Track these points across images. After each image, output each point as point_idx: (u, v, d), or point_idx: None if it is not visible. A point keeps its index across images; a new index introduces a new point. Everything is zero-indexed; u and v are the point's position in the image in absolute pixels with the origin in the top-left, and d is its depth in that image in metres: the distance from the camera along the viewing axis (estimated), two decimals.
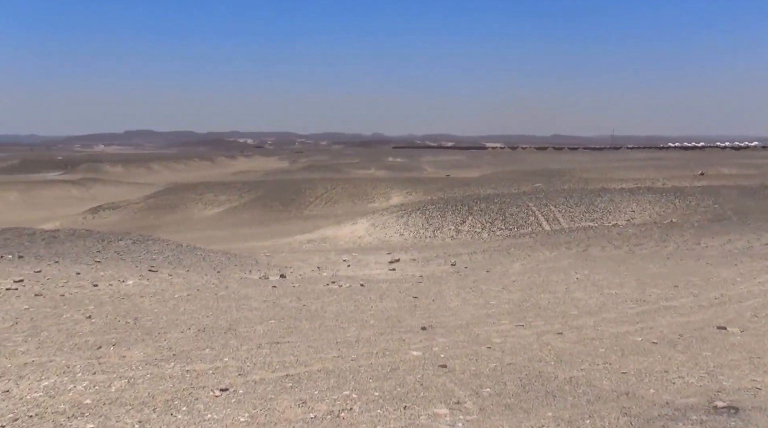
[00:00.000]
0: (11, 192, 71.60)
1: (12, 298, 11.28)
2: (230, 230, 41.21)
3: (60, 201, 70.45)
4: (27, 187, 75.32)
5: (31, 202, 68.93)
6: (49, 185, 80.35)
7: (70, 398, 6.03)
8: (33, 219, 46.93)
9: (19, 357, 7.41)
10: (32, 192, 73.36)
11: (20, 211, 63.62)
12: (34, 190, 74.33)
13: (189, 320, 9.56)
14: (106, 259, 17.41)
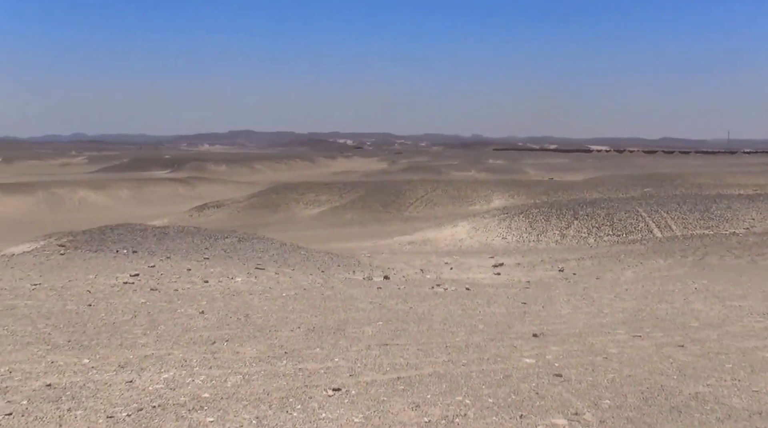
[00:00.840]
0: (123, 189, 76.04)
1: (129, 292, 11.95)
2: (330, 230, 42.03)
3: (168, 198, 74.20)
4: (137, 185, 79.77)
5: (141, 199, 73.01)
6: (157, 183, 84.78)
7: (189, 391, 6.28)
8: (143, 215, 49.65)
9: (140, 349, 7.81)
10: (142, 189, 77.64)
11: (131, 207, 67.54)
12: (144, 188, 78.62)
13: (298, 319, 9.79)
14: (214, 256, 18.13)
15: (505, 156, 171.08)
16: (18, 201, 63.96)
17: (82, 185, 74.44)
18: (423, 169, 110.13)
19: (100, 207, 67.15)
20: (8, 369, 6.77)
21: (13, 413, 5.56)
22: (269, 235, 26.77)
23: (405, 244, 31.10)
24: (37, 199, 65.60)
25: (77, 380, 6.51)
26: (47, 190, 68.60)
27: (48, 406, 5.76)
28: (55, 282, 12.80)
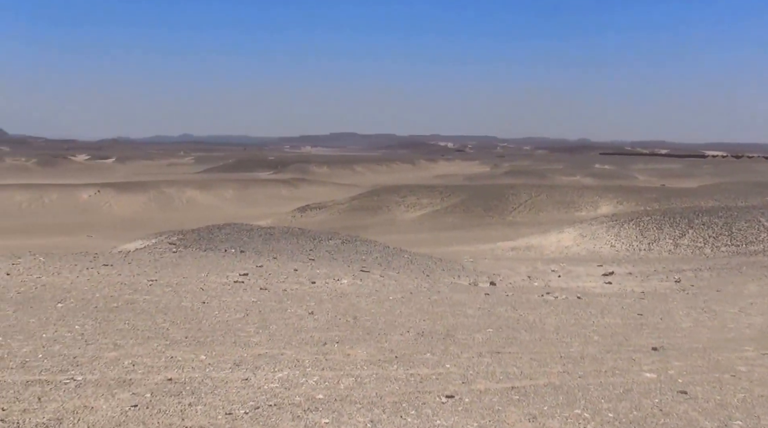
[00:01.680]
0: (228, 189, 79.12)
1: (240, 291, 12.36)
2: (432, 233, 42.03)
3: (271, 199, 76.60)
4: (242, 185, 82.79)
5: (246, 199, 75.72)
6: (261, 184, 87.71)
7: (304, 391, 6.40)
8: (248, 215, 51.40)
9: (253, 347, 8.04)
10: (247, 190, 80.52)
11: (236, 207, 70.17)
12: (249, 188, 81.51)
13: (406, 323, 9.81)
14: (319, 257, 18.51)
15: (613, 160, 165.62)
16: (131, 199, 67.81)
17: (189, 185, 78.04)
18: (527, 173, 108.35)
19: (206, 206, 70.17)
20: (131, 363, 7.13)
21: (138, 405, 5.84)
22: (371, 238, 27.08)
23: (508, 250, 30.66)
24: (148, 198, 69.32)
25: (196, 376, 6.76)
26: (157, 189, 72.35)
27: (170, 400, 6.01)
28: (170, 278, 13.43)
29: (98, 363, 7.03)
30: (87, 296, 11.00)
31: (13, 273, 13.06)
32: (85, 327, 8.73)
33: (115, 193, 68.55)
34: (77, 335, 8.26)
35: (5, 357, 7.07)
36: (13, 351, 7.36)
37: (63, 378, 6.47)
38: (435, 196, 53.79)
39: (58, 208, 62.15)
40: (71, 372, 6.68)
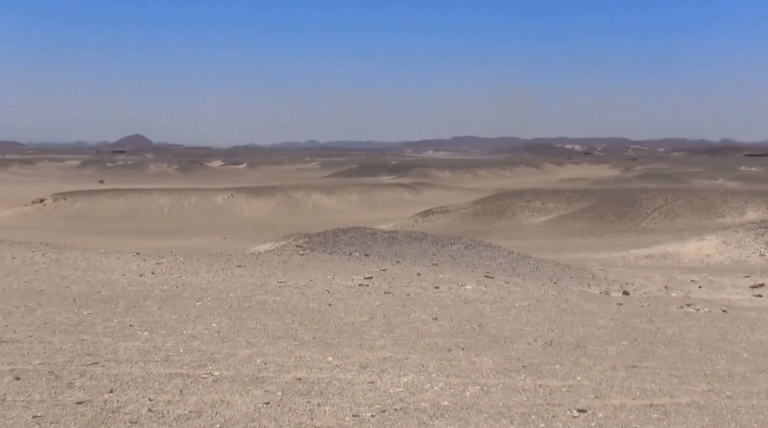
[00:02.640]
0: (353, 193, 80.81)
1: (365, 294, 12.58)
2: (558, 239, 40.96)
3: (393, 203, 77.48)
4: (365, 189, 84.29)
5: (369, 203, 77.01)
6: (384, 188, 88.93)
7: (429, 397, 6.40)
8: (371, 219, 52.23)
9: (379, 351, 8.15)
10: (370, 194, 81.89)
11: (360, 211, 71.53)
12: (372, 192, 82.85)
13: (534, 331, 9.59)
14: (442, 262, 18.50)
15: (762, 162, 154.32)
16: (261, 203, 70.80)
17: (315, 189, 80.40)
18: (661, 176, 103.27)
19: (331, 210, 72.03)
20: (263, 361, 7.42)
21: (270, 402, 6.06)
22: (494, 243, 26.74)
23: (641, 258, 29.29)
24: (277, 202, 72.09)
25: (323, 376, 6.94)
26: (285, 194, 75.08)
27: (299, 399, 6.20)
28: (298, 280, 13.88)
29: (233, 360, 7.37)
30: (222, 295, 11.58)
31: (157, 273, 13.97)
32: (221, 325, 9.19)
33: (247, 197, 71.81)
34: (214, 332, 8.71)
35: (151, 351, 7.57)
36: (158, 345, 7.87)
37: (201, 372, 6.84)
38: (561, 200, 52.36)
39: (195, 211, 65.96)
40: (209, 367, 7.05)
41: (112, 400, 5.91)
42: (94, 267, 14.42)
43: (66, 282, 12.31)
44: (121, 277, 13.19)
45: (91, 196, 67.97)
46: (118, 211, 64.44)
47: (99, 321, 9.07)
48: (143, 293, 11.49)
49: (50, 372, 6.59)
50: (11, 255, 15.39)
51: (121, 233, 47.93)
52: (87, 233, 46.42)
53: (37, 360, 7.03)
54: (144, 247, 25.54)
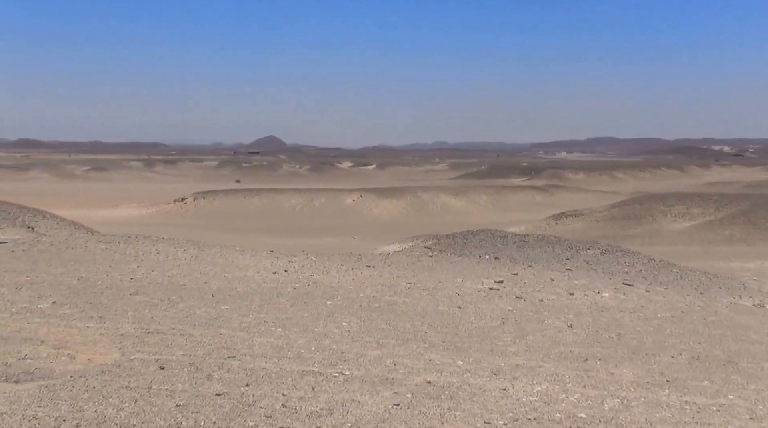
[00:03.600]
0: (482, 195, 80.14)
1: (495, 298, 12.40)
2: (704, 247, 38.60)
3: (524, 205, 76.07)
4: (495, 191, 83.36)
5: (499, 205, 76.08)
6: (515, 190, 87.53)
7: (564, 408, 6.19)
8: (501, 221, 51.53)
9: (510, 357, 8.00)
10: (500, 196, 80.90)
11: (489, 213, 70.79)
12: (502, 194, 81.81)
13: (678, 344, 9.07)
14: (577, 268, 17.91)
15: None
16: (390, 204, 71.72)
17: (444, 191, 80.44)
18: None
19: (459, 212, 71.78)
20: (393, 362, 7.48)
21: (400, 404, 6.10)
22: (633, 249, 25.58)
23: None
24: (405, 203, 72.75)
25: (454, 381, 6.89)
26: (414, 195, 75.62)
27: (429, 402, 6.19)
28: (427, 282, 13.90)
29: (363, 360, 7.48)
30: (352, 295, 11.80)
31: (290, 270, 14.46)
32: (351, 324, 9.36)
33: (376, 198, 73.00)
34: (344, 332, 8.89)
35: (284, 348, 7.83)
36: (291, 342, 8.13)
37: (333, 371, 6.99)
38: (708, 205, 49.26)
39: (325, 211, 67.85)
40: (340, 366, 7.19)
41: (248, 394, 6.16)
42: (231, 263, 15.13)
43: (205, 277, 13.00)
44: (256, 274, 13.75)
45: (228, 196, 71.57)
46: (253, 209, 67.44)
47: (235, 316, 9.50)
48: (276, 290, 11.92)
49: (191, 364, 6.96)
50: (156, 251, 16.44)
51: (255, 231, 50.11)
52: (223, 231, 48.90)
53: (180, 351, 7.45)
54: (276, 246, 26.54)
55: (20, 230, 24.53)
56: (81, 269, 13.10)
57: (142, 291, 11.04)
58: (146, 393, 6.01)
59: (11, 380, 6.17)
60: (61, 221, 31.37)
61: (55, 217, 32.15)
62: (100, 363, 6.80)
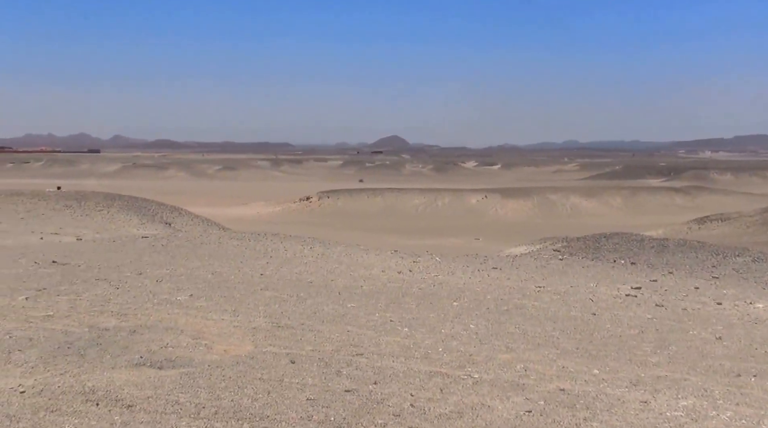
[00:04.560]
0: (615, 197, 77.36)
1: (633, 305, 11.92)
2: None
3: (662, 208, 72.77)
4: (630, 193, 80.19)
5: (634, 208, 73.16)
6: (652, 192, 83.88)
7: (714, 425, 5.86)
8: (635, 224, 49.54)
9: (651, 368, 7.65)
10: (635, 197, 77.76)
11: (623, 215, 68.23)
12: (637, 196, 78.61)
13: None
14: (724, 276, 16.93)
15: None
16: (516, 204, 70.72)
17: (574, 192, 78.31)
18: None
19: (590, 214, 69.65)
20: (524, 367, 7.35)
21: (532, 411, 5.98)
22: None
23: None
24: (532, 204, 71.49)
25: (589, 390, 6.68)
26: (542, 196, 74.14)
27: (563, 411, 6.03)
28: (558, 286, 13.59)
29: (492, 364, 7.41)
30: (479, 297, 11.73)
31: (415, 271, 14.58)
32: (479, 326, 9.30)
33: (501, 198, 72.20)
34: (472, 334, 8.84)
35: (411, 347, 7.90)
36: (418, 342, 8.18)
37: (461, 373, 6.96)
38: None
39: (449, 211, 67.86)
40: (468, 369, 7.16)
41: (376, 392, 6.25)
42: (356, 262, 15.44)
43: (332, 275, 13.34)
44: (381, 273, 13.96)
45: (351, 195, 73.09)
46: (376, 209, 68.52)
47: (362, 314, 9.68)
48: (402, 290, 12.04)
49: (320, 359, 7.16)
50: (284, 248, 17.07)
51: (378, 230, 50.89)
52: (347, 229, 49.99)
53: (309, 346, 7.68)
54: (399, 245, 26.84)
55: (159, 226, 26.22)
56: (215, 264, 13.82)
57: (271, 287, 11.49)
58: (278, 385, 6.24)
59: (155, 366, 6.59)
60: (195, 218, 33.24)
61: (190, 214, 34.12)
62: (234, 355, 7.13)
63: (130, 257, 14.58)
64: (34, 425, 5.08)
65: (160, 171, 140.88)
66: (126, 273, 12.14)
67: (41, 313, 8.71)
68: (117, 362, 6.70)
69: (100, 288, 10.54)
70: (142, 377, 6.26)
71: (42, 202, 30.48)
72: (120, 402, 5.60)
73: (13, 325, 8.00)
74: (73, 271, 12.24)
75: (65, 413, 5.34)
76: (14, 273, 11.89)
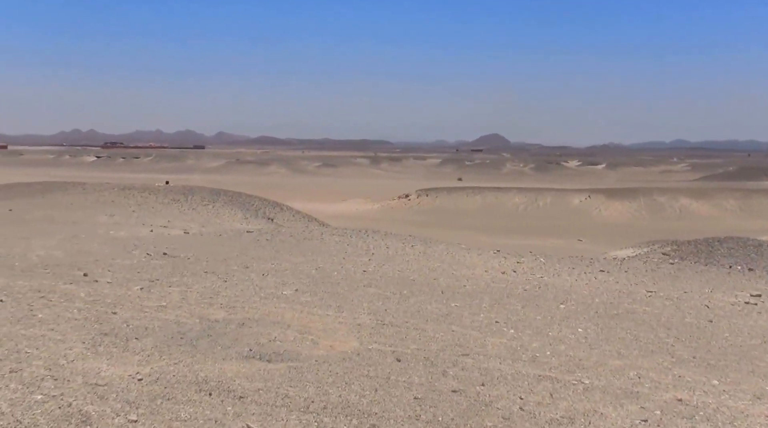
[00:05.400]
0: (729, 199, 73.60)
1: (753, 313, 11.31)
2: None
3: None
4: (745, 195, 76.09)
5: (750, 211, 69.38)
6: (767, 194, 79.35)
7: None
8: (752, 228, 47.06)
9: None
10: (751, 200, 73.72)
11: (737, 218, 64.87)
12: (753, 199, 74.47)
13: None
14: None
15: None
16: (621, 205, 68.50)
17: (683, 193, 75.07)
18: None
19: (701, 216, 66.63)
20: (637, 374, 7.09)
21: (648, 420, 5.75)
22: None
23: None
24: (639, 205, 69.04)
25: (709, 401, 6.37)
26: (648, 197, 71.49)
27: (682, 422, 5.77)
28: (670, 291, 13.05)
29: (603, 370, 7.18)
30: (586, 300, 11.40)
31: (519, 271, 14.34)
32: (588, 331, 9.04)
33: (606, 199, 70.09)
34: (580, 338, 8.60)
35: (518, 350, 7.76)
36: (524, 344, 8.03)
37: (570, 378, 6.78)
38: None
39: (550, 211, 66.45)
40: (578, 374, 6.96)
41: (484, 393, 6.17)
42: (457, 261, 15.34)
43: (434, 273, 13.29)
44: (484, 273, 13.80)
45: (450, 193, 72.79)
46: (475, 207, 67.93)
47: (466, 314, 9.59)
48: (506, 290, 11.86)
49: (426, 358, 7.13)
50: (386, 245, 17.15)
51: (477, 229, 50.43)
52: (445, 228, 49.80)
53: (414, 345, 7.67)
54: (499, 245, 26.46)
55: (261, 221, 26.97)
56: (318, 260, 14.05)
57: (374, 283, 11.57)
58: (385, 383, 6.26)
59: (264, 359, 6.75)
60: (297, 213, 34.00)
61: (291, 210, 34.93)
62: (340, 351, 7.21)
63: (236, 251, 15.02)
64: (152, 412, 5.29)
65: (262, 167, 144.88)
66: (233, 267, 12.51)
67: (155, 303, 9.08)
68: (227, 353, 6.90)
69: (208, 281, 10.91)
70: (251, 369, 6.42)
71: (152, 196, 31.91)
72: (232, 393, 5.76)
73: (130, 314, 8.37)
74: (182, 263, 12.73)
75: (180, 401, 5.53)
76: (128, 263, 12.47)
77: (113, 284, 10.22)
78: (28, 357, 6.35)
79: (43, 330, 7.32)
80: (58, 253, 13.41)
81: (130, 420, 5.07)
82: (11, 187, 38.12)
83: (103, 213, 24.95)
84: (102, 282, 10.31)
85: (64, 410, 5.12)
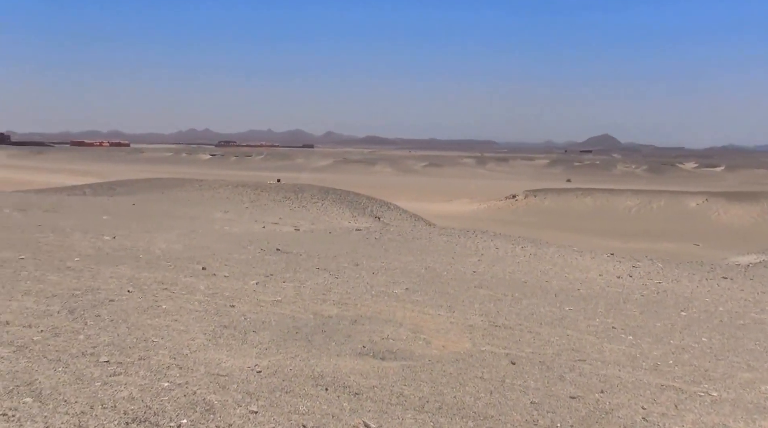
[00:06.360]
0: None
1: None
2: None
3: None
4: None
5: None
6: None
7: None
8: None
9: None
10: None
11: None
12: None
13: None
14: None
15: None
16: (742, 209, 64.85)
17: None
18: None
19: None
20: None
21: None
22: None
23: None
24: (761, 209, 65.14)
25: None
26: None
27: None
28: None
29: (732, 382, 6.79)
30: (710, 308, 10.83)
31: (635, 276, 13.80)
32: (712, 340, 8.58)
33: (725, 202, 66.58)
34: (705, 347, 8.17)
35: (638, 357, 7.44)
36: (644, 352, 7.70)
37: (696, 389, 6.44)
38: None
39: (664, 214, 63.75)
40: (704, 385, 6.60)
41: (603, 401, 5.94)
42: (570, 264, 14.93)
43: (546, 276, 12.99)
44: (598, 277, 13.37)
45: (559, 195, 71.15)
46: (585, 209, 66.08)
47: (581, 318, 9.30)
48: (622, 295, 11.44)
49: (541, 362, 6.95)
50: (495, 246, 16.93)
51: (587, 232, 49.04)
52: (554, 229, 48.71)
53: (528, 348, 7.50)
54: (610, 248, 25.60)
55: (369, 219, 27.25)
56: (427, 259, 14.02)
57: (485, 284, 11.42)
58: (500, 386, 6.14)
59: (378, 356, 6.77)
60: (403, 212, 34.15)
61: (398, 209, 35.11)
62: (453, 351, 7.14)
63: (346, 249, 15.21)
64: (272, 404, 5.39)
65: (369, 166, 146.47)
66: (343, 264, 12.67)
67: (270, 298, 9.30)
68: (342, 350, 6.97)
69: (321, 278, 11.08)
70: (366, 366, 6.45)
71: (264, 193, 32.88)
72: (347, 389, 5.80)
73: (247, 308, 8.60)
74: (295, 260, 13.00)
75: (298, 395, 5.62)
76: (244, 258, 12.85)
77: (230, 278, 10.54)
78: (154, 345, 6.62)
79: (167, 320, 7.62)
80: (177, 247, 13.99)
81: (251, 410, 5.19)
82: (134, 183, 40.27)
83: (218, 209, 25.90)
84: (219, 275, 10.66)
85: (189, 398, 5.30)
